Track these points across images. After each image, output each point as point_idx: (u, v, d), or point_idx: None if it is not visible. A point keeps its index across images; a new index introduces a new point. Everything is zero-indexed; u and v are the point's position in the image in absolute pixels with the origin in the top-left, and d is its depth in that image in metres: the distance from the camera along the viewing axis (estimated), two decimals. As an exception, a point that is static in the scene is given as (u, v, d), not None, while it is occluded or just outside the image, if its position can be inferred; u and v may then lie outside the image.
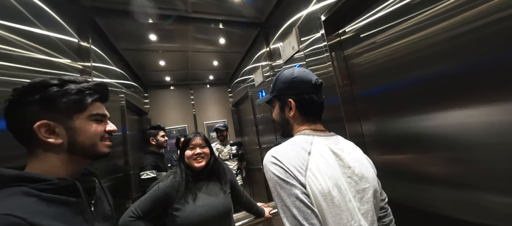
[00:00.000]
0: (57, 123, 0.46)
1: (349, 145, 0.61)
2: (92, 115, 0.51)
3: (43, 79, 0.47)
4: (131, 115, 2.47)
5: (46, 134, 0.45)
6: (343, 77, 1.13)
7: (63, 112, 0.47)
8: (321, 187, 0.47)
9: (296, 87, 0.59)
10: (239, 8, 1.73)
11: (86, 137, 0.50)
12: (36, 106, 0.45)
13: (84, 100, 0.49)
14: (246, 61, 2.64)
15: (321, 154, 0.52)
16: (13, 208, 0.37)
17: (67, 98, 0.47)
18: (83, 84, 0.50)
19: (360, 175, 0.54)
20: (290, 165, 0.48)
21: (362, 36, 1.03)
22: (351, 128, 1.09)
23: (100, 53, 1.58)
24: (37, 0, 0.96)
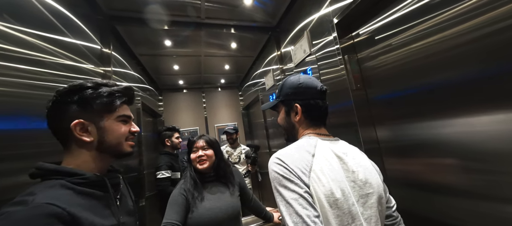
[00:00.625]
0: (90, 122, 0.51)
1: (353, 150, 0.61)
2: (119, 116, 0.55)
3: (81, 82, 0.52)
4: (146, 117, 2.58)
5: (80, 132, 0.50)
6: (357, 81, 1.09)
7: (95, 112, 0.52)
8: (324, 189, 0.48)
9: (302, 93, 0.61)
10: (250, 13, 1.76)
11: (113, 137, 0.53)
12: (74, 107, 0.50)
13: (114, 102, 0.54)
14: (257, 65, 2.66)
15: (325, 156, 0.53)
16: (54, 198, 0.40)
17: (100, 100, 0.52)
18: (114, 87, 0.55)
19: (364, 180, 0.54)
20: (294, 166, 0.49)
21: (377, 39, 1.00)
22: (365, 133, 1.05)
23: (119, 58, 1.68)
24: (67, 11, 1.05)
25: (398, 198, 0.67)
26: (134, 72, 2.04)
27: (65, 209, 0.39)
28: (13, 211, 0.36)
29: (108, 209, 0.50)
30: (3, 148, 0.59)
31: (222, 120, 3.52)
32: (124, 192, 0.61)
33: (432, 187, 0.82)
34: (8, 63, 0.62)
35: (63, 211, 0.39)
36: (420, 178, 0.86)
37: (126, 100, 0.58)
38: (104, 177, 0.51)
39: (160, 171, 1.80)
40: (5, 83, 0.61)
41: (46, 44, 0.84)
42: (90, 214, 0.44)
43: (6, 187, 0.57)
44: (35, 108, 0.70)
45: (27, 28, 0.74)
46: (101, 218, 0.47)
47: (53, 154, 0.52)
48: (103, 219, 0.47)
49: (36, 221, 0.35)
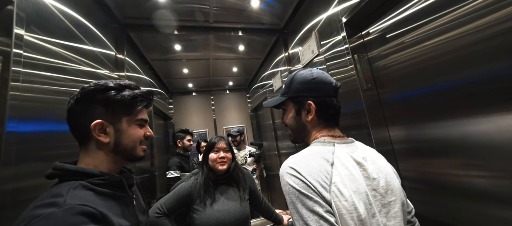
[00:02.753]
0: (108, 123, 0.51)
1: (371, 153, 0.55)
2: (138, 120, 0.55)
3: (106, 82, 0.52)
4: (158, 120, 2.67)
5: (99, 132, 0.49)
6: (367, 81, 1.07)
7: (115, 114, 0.51)
8: (347, 204, 0.42)
9: (316, 89, 0.54)
10: (257, 16, 1.77)
11: (130, 140, 0.53)
12: (97, 106, 0.50)
13: (135, 106, 0.53)
14: (265, 67, 2.67)
15: (344, 165, 0.47)
16: (84, 199, 0.41)
17: (122, 103, 0.51)
18: (136, 91, 0.55)
19: (386, 187, 0.49)
20: (312, 178, 0.44)
21: (388, 37, 0.98)
22: (378, 134, 1.02)
23: (133, 64, 1.75)
24: (86, 21, 1.11)
25: (414, 203, 0.64)
26: (146, 76, 2.12)
27: (96, 208, 0.40)
28: (48, 212, 0.36)
29: (126, 208, 0.51)
30: (32, 149, 0.63)
31: (230, 122, 3.56)
32: (136, 192, 0.61)
33: (454, 191, 0.77)
34: (36, 71, 0.68)
35: (96, 210, 0.40)
36: (439, 181, 0.82)
37: (145, 105, 0.57)
38: (122, 178, 0.51)
39: (170, 171, 1.86)
40: (33, 89, 0.66)
41: (67, 52, 0.90)
42: (115, 213, 0.45)
43: (33, 186, 0.62)
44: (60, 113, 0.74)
45: (52, 38, 0.80)
46: (123, 218, 0.47)
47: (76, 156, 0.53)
48: (125, 218, 0.48)
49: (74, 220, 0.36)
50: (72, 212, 0.37)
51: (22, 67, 0.62)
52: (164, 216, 0.94)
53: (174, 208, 0.96)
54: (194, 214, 0.94)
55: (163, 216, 0.93)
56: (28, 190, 0.61)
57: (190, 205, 0.97)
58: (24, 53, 0.63)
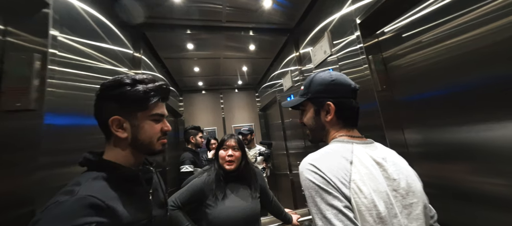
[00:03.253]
0: (124, 118, 0.51)
1: (392, 154, 0.56)
2: (152, 115, 0.54)
3: (121, 78, 0.53)
4: (169, 117, 2.74)
5: (116, 128, 0.51)
6: (382, 81, 1.06)
7: (130, 109, 0.52)
8: (367, 201, 0.43)
9: (335, 91, 0.56)
10: (269, 16, 1.78)
11: (146, 135, 0.53)
12: (112, 103, 0.51)
13: (148, 101, 0.52)
14: (274, 67, 2.67)
15: (363, 163, 0.48)
16: (95, 190, 0.43)
17: (135, 98, 0.51)
18: (149, 85, 0.53)
19: (407, 188, 0.48)
20: (331, 175, 0.44)
21: (405, 36, 0.96)
22: (392, 136, 1.00)
23: (148, 62, 1.82)
24: (108, 21, 1.17)
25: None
26: (159, 74, 2.18)
27: (104, 201, 0.42)
28: (62, 200, 0.39)
29: (141, 202, 0.51)
30: (65, 141, 0.68)
31: (239, 121, 3.59)
32: (156, 186, 0.61)
33: (472, 198, 0.75)
34: (68, 69, 0.73)
35: (103, 203, 0.41)
36: (457, 187, 0.80)
37: (160, 99, 0.56)
38: (139, 172, 0.53)
39: (184, 165, 1.92)
40: (66, 86, 0.71)
41: (92, 51, 0.96)
42: (126, 207, 0.46)
43: (67, 173, 0.66)
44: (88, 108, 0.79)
45: (80, 38, 0.85)
46: (135, 211, 0.48)
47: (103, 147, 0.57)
48: (137, 212, 0.48)
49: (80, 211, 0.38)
50: (82, 202, 0.39)
51: (56, 66, 0.67)
52: (178, 209, 0.98)
53: (187, 202, 1.00)
54: (207, 209, 0.98)
55: (177, 209, 0.97)
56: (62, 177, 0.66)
57: (203, 200, 1.00)
58: (58, 52, 0.68)
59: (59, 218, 0.36)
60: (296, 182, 2.28)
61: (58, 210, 0.38)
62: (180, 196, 1.00)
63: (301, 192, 1.98)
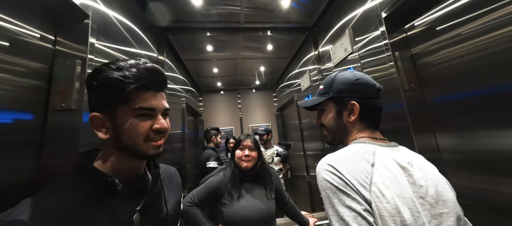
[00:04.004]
0: (105, 115, 0.41)
1: (419, 159, 0.51)
2: (135, 109, 0.40)
3: (101, 65, 0.42)
4: (189, 116, 2.88)
5: (97, 127, 0.41)
6: (410, 80, 0.97)
7: (107, 103, 0.40)
8: (390, 206, 0.39)
9: (359, 90, 0.54)
10: (287, 15, 1.76)
11: (127, 136, 0.41)
12: (93, 96, 0.42)
13: (124, 90, 0.39)
14: (292, 66, 2.63)
15: (386, 167, 0.45)
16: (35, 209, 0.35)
17: (108, 88, 0.39)
18: (131, 70, 0.40)
19: (436, 197, 0.44)
20: (351, 176, 0.42)
21: (439, 29, 0.87)
22: (422, 140, 0.91)
23: (170, 64, 1.93)
24: (135, 27, 1.27)
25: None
26: (180, 75, 2.30)
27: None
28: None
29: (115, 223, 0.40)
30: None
31: (256, 121, 3.61)
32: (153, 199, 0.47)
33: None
34: (102, 72, 0.81)
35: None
36: (499, 201, 0.70)
37: (143, 86, 0.41)
38: (116, 181, 0.40)
39: (210, 161, 2.05)
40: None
41: (122, 55, 1.05)
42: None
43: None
44: None
45: (112, 43, 0.94)
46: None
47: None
48: None
49: None
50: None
51: (93, 70, 0.75)
52: (195, 206, 1.02)
53: (204, 200, 1.04)
54: (223, 207, 1.00)
55: (195, 206, 1.02)
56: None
57: (219, 199, 1.03)
58: (95, 58, 0.76)
59: None
60: (314, 184, 2.22)
61: None
62: (197, 194, 1.04)
63: (318, 195, 1.92)
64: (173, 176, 0.60)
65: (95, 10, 0.80)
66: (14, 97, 0.59)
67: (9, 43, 0.57)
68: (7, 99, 0.57)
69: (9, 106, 0.57)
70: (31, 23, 0.64)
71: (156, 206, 0.48)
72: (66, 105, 0.67)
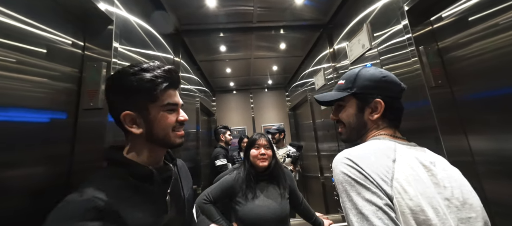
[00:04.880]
0: (137, 113, 0.47)
1: (441, 160, 0.48)
2: (164, 105, 0.49)
3: (124, 68, 0.48)
4: (203, 116, 2.95)
5: (130, 124, 0.47)
6: (437, 76, 0.90)
7: (139, 102, 0.47)
8: (412, 203, 0.37)
9: (386, 88, 0.52)
10: (300, 12, 1.73)
11: (160, 128, 0.48)
12: (120, 97, 0.47)
13: (156, 89, 0.47)
14: (305, 65, 2.58)
15: (408, 163, 0.42)
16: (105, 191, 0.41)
17: (141, 89, 0.46)
18: (156, 71, 0.48)
19: (462, 200, 0.41)
20: (371, 171, 0.40)
21: (472, 19, 0.79)
22: (451, 142, 0.84)
23: (185, 65, 1.99)
24: (154, 30, 1.33)
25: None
26: (195, 76, 2.37)
27: (111, 204, 0.40)
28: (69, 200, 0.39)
29: (154, 204, 0.47)
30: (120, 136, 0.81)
31: (268, 120, 3.60)
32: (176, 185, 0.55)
33: None
34: (125, 75, 0.86)
35: (107, 206, 0.39)
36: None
37: (169, 85, 0.49)
38: (153, 171, 0.48)
39: (219, 159, 2.09)
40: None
41: (142, 58, 1.10)
42: (135, 209, 0.43)
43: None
44: None
45: (133, 47, 1.00)
46: (145, 213, 0.44)
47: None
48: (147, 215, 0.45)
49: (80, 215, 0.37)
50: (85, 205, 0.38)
51: (116, 72, 0.80)
52: (210, 203, 1.04)
53: (219, 198, 1.05)
54: (237, 205, 1.01)
55: (210, 203, 1.04)
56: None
57: (233, 197, 1.04)
58: (118, 61, 0.81)
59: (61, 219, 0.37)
60: (328, 185, 2.16)
61: (63, 210, 0.38)
62: (212, 191, 1.06)
63: (333, 196, 1.87)
64: (183, 165, 0.70)
65: (118, 16, 0.86)
66: (51, 99, 0.65)
67: (47, 50, 0.63)
68: (45, 101, 0.63)
69: (46, 107, 0.63)
70: (65, 31, 0.70)
71: (177, 190, 0.57)
72: (94, 105, 0.73)
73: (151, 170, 0.48)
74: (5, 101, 0.51)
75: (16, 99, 0.54)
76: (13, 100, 0.53)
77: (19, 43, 0.55)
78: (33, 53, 0.59)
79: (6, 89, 0.51)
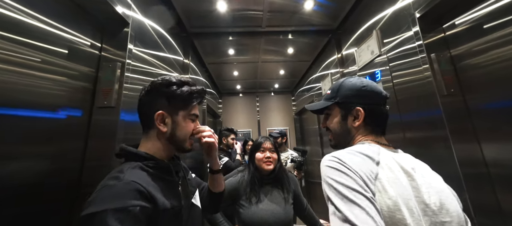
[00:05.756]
0: (168, 114, 0.56)
1: (423, 166, 0.51)
2: (191, 114, 0.60)
3: (170, 78, 0.59)
4: (209, 117, 2.98)
5: (159, 122, 0.55)
6: (449, 84, 0.88)
7: (174, 107, 0.57)
8: (391, 203, 0.40)
9: (365, 96, 0.56)
10: (309, 18, 1.73)
11: (182, 132, 0.58)
12: (161, 99, 0.56)
13: (191, 102, 0.58)
14: (313, 69, 2.58)
15: (390, 168, 0.45)
16: (137, 178, 0.47)
17: (180, 97, 0.57)
18: (193, 87, 0.60)
19: (439, 205, 0.43)
20: (357, 168, 0.43)
21: (487, 27, 0.77)
22: (463, 152, 0.81)
23: (194, 67, 2.04)
24: (165, 33, 1.38)
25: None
26: (203, 78, 2.41)
27: (146, 188, 0.46)
28: (112, 184, 0.44)
29: (172, 191, 0.55)
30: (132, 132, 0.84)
31: (274, 124, 3.60)
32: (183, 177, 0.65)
33: None
34: (136, 76, 0.90)
35: (145, 189, 0.45)
36: None
37: (199, 101, 0.61)
38: (170, 164, 0.57)
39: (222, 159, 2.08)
40: (134, 89, 0.88)
41: (154, 59, 1.14)
42: (161, 195, 0.49)
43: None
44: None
45: (146, 49, 1.04)
46: (168, 199, 0.51)
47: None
48: (170, 200, 0.52)
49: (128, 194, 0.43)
50: (129, 187, 0.44)
51: (130, 73, 0.84)
52: None
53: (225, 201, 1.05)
54: (240, 208, 1.01)
55: None
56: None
57: (236, 200, 1.04)
58: (132, 62, 0.85)
59: (110, 198, 0.41)
60: (334, 193, 2.11)
61: (109, 192, 0.43)
62: None
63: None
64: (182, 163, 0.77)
65: (134, 19, 0.90)
66: (69, 97, 0.68)
67: (68, 50, 0.66)
68: (63, 98, 0.66)
69: (65, 104, 0.66)
70: (85, 33, 0.74)
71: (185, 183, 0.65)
72: (107, 103, 0.76)
73: (168, 163, 0.56)
74: (28, 99, 0.54)
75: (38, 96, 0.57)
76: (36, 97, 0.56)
77: (43, 44, 0.59)
78: (56, 53, 0.62)
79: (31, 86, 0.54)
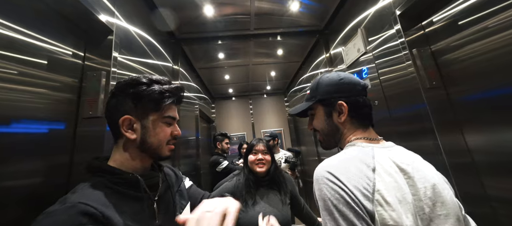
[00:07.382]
0: (136, 119, 0.49)
1: (415, 158, 0.50)
2: (165, 117, 0.52)
3: (137, 77, 0.50)
4: (202, 123, 2.95)
5: (126, 128, 0.48)
6: (432, 78, 0.92)
7: (143, 110, 0.49)
8: (395, 214, 0.38)
9: (345, 90, 0.54)
10: (296, 19, 1.76)
11: (155, 138, 0.50)
12: (127, 101, 0.49)
13: (162, 102, 0.50)
14: (303, 70, 2.61)
15: (387, 171, 0.43)
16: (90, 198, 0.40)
17: (149, 98, 0.49)
18: (165, 86, 0.51)
19: (434, 199, 0.43)
20: (352, 185, 0.40)
21: (462, 23, 0.82)
22: (448, 142, 0.84)
23: (184, 73, 2.01)
24: (153, 40, 1.36)
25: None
26: (194, 83, 2.39)
27: (98, 209, 0.39)
28: (51, 211, 0.37)
29: (142, 212, 0.47)
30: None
31: (268, 126, 3.60)
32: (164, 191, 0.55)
33: None
34: (124, 83, 0.88)
35: (96, 210, 0.38)
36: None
37: (174, 101, 0.53)
38: (139, 178, 0.47)
39: (220, 164, 2.07)
40: (122, 97, 0.86)
41: (141, 67, 1.12)
42: (124, 216, 0.42)
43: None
44: None
45: (132, 56, 1.02)
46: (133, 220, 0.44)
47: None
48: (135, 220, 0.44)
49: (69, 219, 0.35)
50: (72, 210, 0.36)
51: (115, 82, 0.82)
52: None
53: None
54: (239, 213, 1.00)
55: None
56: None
57: None
58: (117, 70, 0.83)
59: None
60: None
61: (46, 221, 0.35)
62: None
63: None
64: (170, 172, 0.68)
65: (118, 26, 0.88)
66: (50, 110, 0.65)
67: (47, 61, 0.64)
68: (44, 111, 0.64)
69: (45, 117, 0.64)
70: (66, 43, 0.71)
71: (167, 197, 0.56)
72: (93, 113, 0.74)
73: (136, 177, 0.47)
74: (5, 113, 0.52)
75: (16, 110, 0.55)
76: (14, 112, 0.54)
77: (21, 55, 0.56)
78: (35, 64, 0.60)
79: (7, 101, 0.52)
